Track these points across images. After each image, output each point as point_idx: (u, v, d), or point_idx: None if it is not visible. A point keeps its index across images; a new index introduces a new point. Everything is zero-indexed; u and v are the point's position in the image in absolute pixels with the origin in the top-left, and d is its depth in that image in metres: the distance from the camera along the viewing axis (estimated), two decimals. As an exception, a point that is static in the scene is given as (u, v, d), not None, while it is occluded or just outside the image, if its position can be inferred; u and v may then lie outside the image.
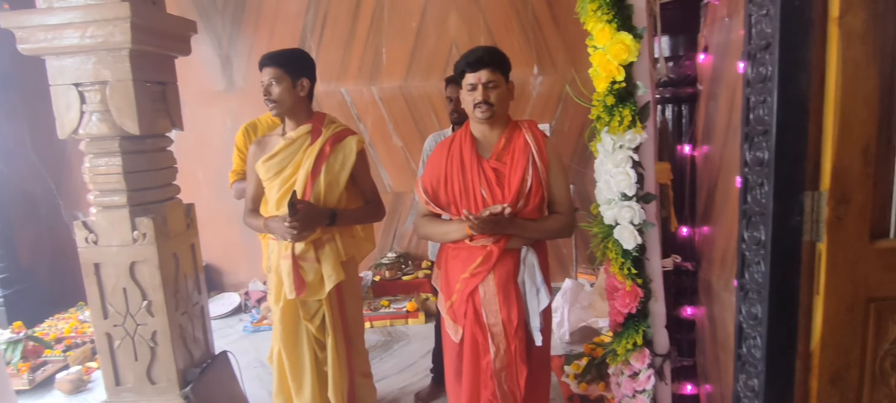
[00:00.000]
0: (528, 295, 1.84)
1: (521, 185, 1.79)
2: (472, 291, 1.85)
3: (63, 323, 4.31)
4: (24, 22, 1.85)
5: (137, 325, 2.15)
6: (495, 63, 1.80)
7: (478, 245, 1.82)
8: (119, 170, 1.97)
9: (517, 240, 1.82)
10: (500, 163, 1.83)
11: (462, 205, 1.83)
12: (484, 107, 1.79)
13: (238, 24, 4.46)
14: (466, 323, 1.87)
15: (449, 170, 1.87)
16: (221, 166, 4.39)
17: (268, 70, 1.95)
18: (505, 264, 1.82)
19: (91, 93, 1.91)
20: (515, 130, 1.87)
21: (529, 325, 1.86)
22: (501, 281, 1.82)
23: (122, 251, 2.06)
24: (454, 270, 1.90)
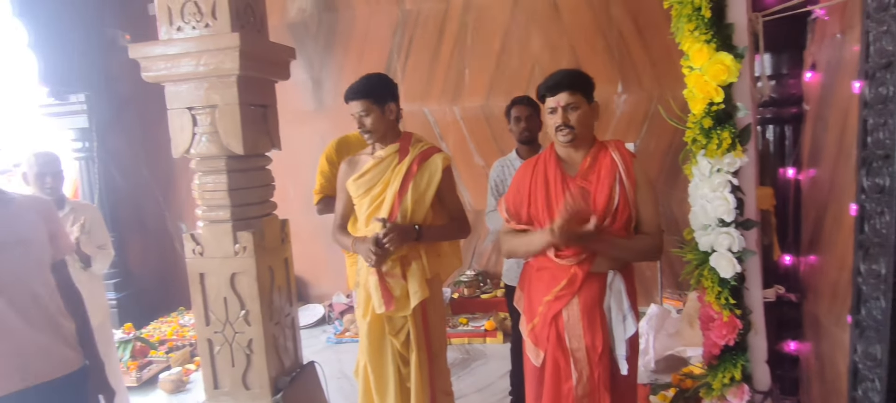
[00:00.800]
0: (614, 321, 1.78)
1: (608, 203, 1.75)
2: (555, 314, 1.82)
3: (166, 325, 4.65)
4: (147, 52, 2.04)
5: (235, 333, 2.28)
6: (574, 85, 1.79)
7: (562, 263, 1.79)
8: (224, 187, 2.11)
9: (603, 263, 1.77)
10: (586, 182, 1.80)
11: (544, 224, 1.81)
12: (565, 130, 1.78)
13: (329, 48, 4.69)
14: (548, 346, 1.84)
15: (533, 189, 1.87)
16: (310, 183, 4.57)
17: (356, 103, 2.04)
18: (590, 288, 1.78)
19: (202, 116, 2.06)
20: (601, 149, 1.84)
21: (615, 353, 1.80)
22: (586, 306, 1.78)
23: (224, 262, 2.20)
24: (537, 292, 1.88)
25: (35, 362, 1.70)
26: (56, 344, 1.76)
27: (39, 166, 2.54)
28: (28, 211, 1.77)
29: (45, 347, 1.72)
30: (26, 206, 1.78)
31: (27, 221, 1.74)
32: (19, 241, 1.69)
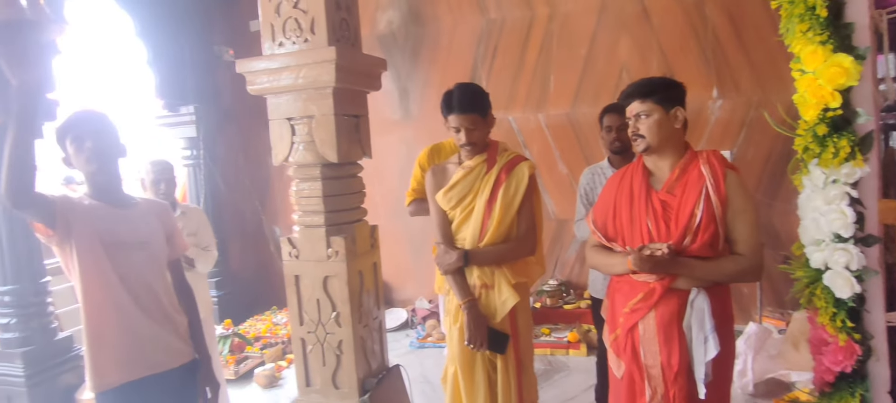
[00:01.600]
0: (695, 341, 1.68)
1: (690, 220, 1.66)
2: (631, 327, 1.76)
3: (260, 323, 4.92)
4: (252, 67, 2.18)
5: (327, 334, 2.37)
6: (645, 92, 1.73)
7: (641, 280, 1.73)
8: (319, 194, 2.21)
9: (687, 281, 1.69)
10: (670, 196, 1.72)
11: (628, 238, 1.76)
12: (636, 140, 1.75)
13: (415, 59, 4.80)
14: (625, 358, 1.80)
15: (618, 202, 1.82)
16: (396, 190, 4.73)
17: (463, 117, 2.05)
18: (668, 304, 1.70)
19: (300, 125, 2.17)
20: (692, 161, 1.75)
21: (695, 373, 1.70)
22: (663, 322, 1.70)
23: (317, 266, 2.30)
24: (618, 302, 1.83)
25: (154, 353, 1.86)
26: (171, 338, 1.91)
27: (155, 173, 2.77)
28: (148, 214, 1.94)
29: (163, 340, 1.88)
30: (147, 210, 1.95)
31: (148, 223, 1.91)
32: (141, 242, 1.86)
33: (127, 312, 1.79)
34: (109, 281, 1.76)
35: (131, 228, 1.84)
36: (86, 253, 1.73)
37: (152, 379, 1.84)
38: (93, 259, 1.74)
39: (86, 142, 1.76)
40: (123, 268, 1.79)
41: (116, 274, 1.77)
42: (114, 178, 1.88)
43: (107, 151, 1.81)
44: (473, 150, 2.10)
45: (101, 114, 1.86)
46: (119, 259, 1.78)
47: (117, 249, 1.78)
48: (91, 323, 1.77)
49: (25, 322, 3.50)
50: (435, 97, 4.73)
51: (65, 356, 3.69)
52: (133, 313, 1.80)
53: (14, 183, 1.54)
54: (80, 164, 1.79)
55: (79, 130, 1.78)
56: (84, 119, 1.81)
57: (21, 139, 1.54)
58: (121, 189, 1.92)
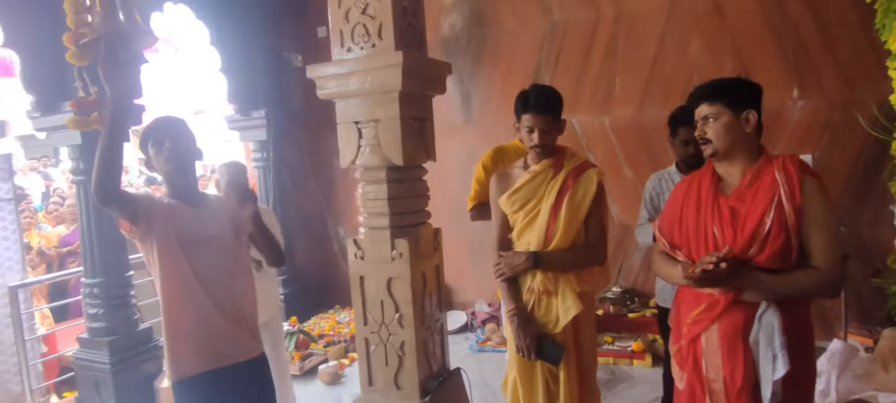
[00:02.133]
0: (762, 358, 1.58)
1: (758, 228, 1.57)
2: (694, 338, 1.69)
3: (324, 321, 5.05)
4: (321, 72, 2.24)
5: (390, 334, 2.40)
6: (713, 95, 1.66)
7: (705, 291, 1.65)
8: (384, 197, 2.24)
9: (754, 293, 1.58)
10: (740, 202, 1.63)
11: (693, 246, 1.68)
12: (703, 144, 1.68)
13: (478, 62, 4.80)
14: (687, 370, 1.73)
15: (685, 208, 1.75)
16: (456, 192, 4.73)
17: (538, 118, 2.05)
18: (733, 317, 1.61)
19: (367, 129, 2.22)
20: (767, 165, 1.65)
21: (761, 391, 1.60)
22: (727, 335, 1.61)
23: (382, 267, 2.33)
24: (683, 312, 1.76)
25: (226, 346, 1.94)
26: (242, 332, 2.00)
27: (229, 174, 2.90)
28: (219, 211, 2.04)
29: (234, 334, 1.96)
30: (218, 207, 2.06)
31: (219, 221, 2.01)
32: (214, 238, 1.96)
33: (201, 306, 1.89)
34: (185, 276, 1.86)
35: (204, 225, 1.95)
36: (164, 250, 1.84)
37: (224, 371, 1.93)
38: (170, 255, 1.85)
39: (164, 144, 1.88)
40: (197, 264, 1.89)
41: (191, 269, 1.87)
42: (190, 179, 2.00)
43: (183, 153, 1.93)
44: (543, 153, 2.08)
45: (179, 120, 1.98)
46: (193, 255, 1.89)
47: (192, 246, 1.89)
48: (169, 316, 1.88)
49: (111, 313, 3.75)
50: (496, 100, 4.73)
51: (145, 346, 3.92)
52: (206, 307, 1.90)
53: (103, 181, 1.67)
54: (159, 165, 1.91)
55: (158, 134, 1.91)
56: (163, 124, 1.94)
57: (111, 141, 1.66)
58: (196, 189, 2.03)
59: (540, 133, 2.05)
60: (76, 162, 3.67)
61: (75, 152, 3.64)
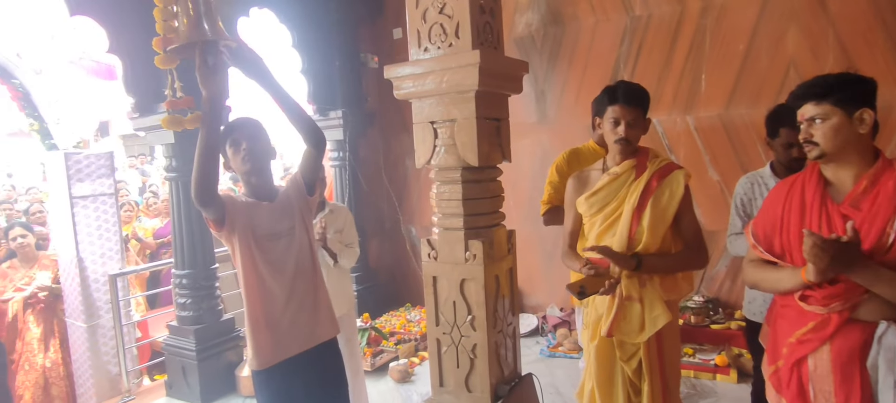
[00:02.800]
0: (881, 385, 1.42)
1: (880, 240, 1.41)
2: (798, 360, 1.53)
3: (395, 319, 5.11)
4: (398, 73, 2.25)
5: (462, 337, 2.38)
6: (820, 94, 1.50)
7: (809, 310, 1.49)
8: (459, 197, 2.22)
9: (873, 311, 1.42)
10: (855, 210, 1.47)
11: (798, 256, 1.52)
12: (808, 147, 1.53)
13: (553, 60, 4.69)
14: (788, 396, 1.57)
15: (786, 215, 1.59)
16: (529, 193, 4.66)
17: (624, 108, 1.97)
18: (848, 337, 1.45)
19: (442, 129, 2.20)
20: (886, 170, 1.48)
21: None
22: (840, 358, 1.46)
23: (455, 268, 2.31)
24: (783, 330, 1.60)
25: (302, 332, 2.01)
26: (317, 316, 2.06)
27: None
28: (287, 199, 2.10)
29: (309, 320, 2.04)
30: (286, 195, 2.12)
31: (289, 210, 2.07)
32: (287, 229, 2.03)
33: (276, 298, 1.96)
34: (260, 271, 1.94)
35: (277, 219, 2.02)
36: (244, 247, 1.92)
37: (303, 355, 2.00)
38: (248, 251, 1.92)
39: (241, 145, 1.95)
40: (274, 259, 1.96)
41: (267, 262, 1.95)
42: (266, 177, 2.07)
43: (260, 154, 1.99)
44: (627, 149, 1.98)
45: (256, 121, 2.04)
46: (269, 249, 1.96)
47: (266, 240, 1.96)
48: (249, 309, 1.96)
49: (198, 303, 3.96)
50: (572, 100, 4.60)
51: (228, 335, 4.12)
52: (281, 298, 1.97)
53: (202, 183, 1.75)
54: (237, 165, 1.99)
55: (236, 135, 1.98)
56: (240, 125, 2.01)
57: (208, 143, 1.73)
58: (272, 186, 2.10)
59: (626, 126, 1.96)
60: (169, 159, 3.91)
61: (169, 150, 3.88)
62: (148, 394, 4.24)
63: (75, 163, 4.49)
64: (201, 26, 1.73)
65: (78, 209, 4.48)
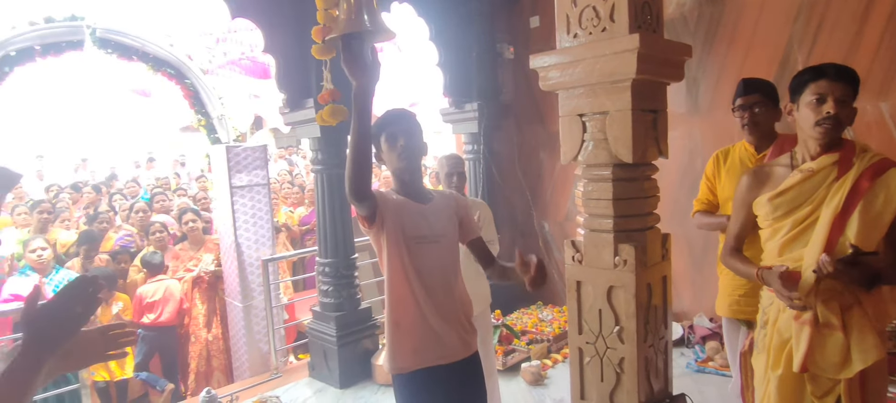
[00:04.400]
0: None
1: None
2: None
3: (526, 317, 4.97)
4: (543, 62, 2.10)
5: (607, 348, 2.19)
6: None
7: None
8: (609, 197, 2.03)
9: None
10: None
11: None
12: None
13: (709, 44, 4.23)
14: None
15: None
16: (675, 190, 4.26)
17: (833, 84, 1.68)
18: None
19: (592, 122, 2.02)
20: None
21: None
22: None
23: (601, 274, 2.13)
24: None
25: (443, 345, 1.93)
26: (459, 330, 1.96)
27: (449, 166, 2.94)
28: (443, 207, 2.02)
29: (451, 332, 1.94)
30: (442, 203, 2.03)
31: (443, 218, 1.98)
32: (438, 235, 1.94)
33: (421, 304, 1.88)
34: (408, 273, 1.87)
35: (429, 223, 1.93)
36: (392, 247, 1.87)
37: (441, 369, 1.92)
38: (397, 252, 1.86)
39: (398, 140, 1.88)
40: (420, 262, 1.88)
41: (414, 267, 1.87)
42: (417, 175, 1.99)
43: (416, 151, 1.92)
44: (831, 134, 1.65)
45: (411, 114, 1.97)
46: (417, 252, 1.88)
47: (417, 243, 1.88)
48: (392, 311, 1.91)
49: (338, 290, 4.13)
50: (729, 88, 4.08)
51: (365, 323, 4.25)
52: (426, 305, 1.89)
53: (356, 178, 1.69)
54: (392, 161, 1.92)
55: (393, 128, 1.91)
56: (397, 118, 1.93)
57: (360, 136, 1.68)
58: (422, 185, 2.03)
59: (836, 102, 1.63)
60: (316, 152, 4.10)
61: (315, 144, 4.07)
62: (293, 373, 4.53)
63: (234, 155, 4.91)
64: (361, 17, 1.70)
65: (236, 198, 4.89)
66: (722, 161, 2.74)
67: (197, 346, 5.10)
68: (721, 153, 2.77)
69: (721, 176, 2.73)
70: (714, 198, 2.79)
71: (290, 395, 4.01)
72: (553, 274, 5.33)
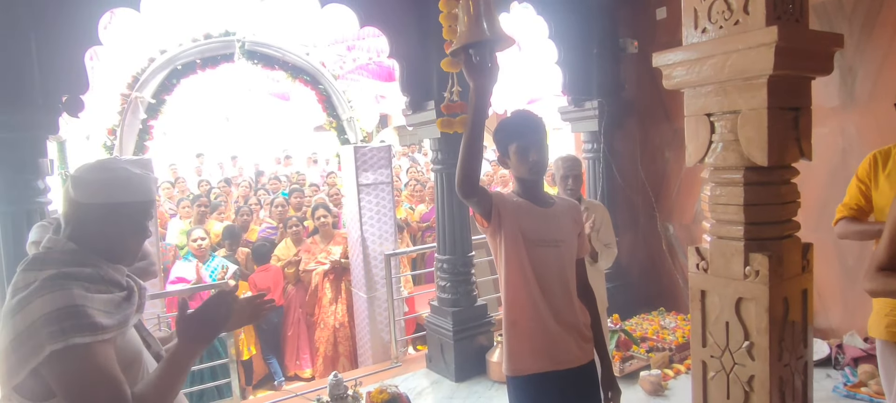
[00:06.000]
0: None
1: None
2: None
3: (647, 323, 4.76)
4: (668, 59, 2.00)
5: (734, 364, 2.04)
6: None
7: None
8: (739, 202, 1.89)
9: None
10: None
11: None
12: None
13: (869, 28, 3.76)
14: None
15: None
16: (824, 194, 3.83)
17: None
18: None
19: (721, 122, 1.90)
20: None
21: None
22: None
23: (729, 284, 1.99)
24: None
25: (559, 351, 1.92)
26: (576, 337, 1.94)
27: (565, 168, 2.90)
28: (564, 214, 2.00)
29: (568, 338, 1.92)
30: (563, 210, 2.02)
31: (563, 224, 1.97)
32: (557, 241, 1.93)
33: (538, 308, 1.89)
34: (526, 276, 1.88)
35: (549, 227, 1.93)
36: (510, 248, 1.89)
37: (557, 375, 1.91)
38: (515, 254, 1.88)
39: (530, 153, 1.89)
40: (539, 266, 1.89)
41: (533, 270, 1.88)
42: (541, 181, 2.00)
43: (545, 164, 1.93)
44: None
45: (542, 125, 1.96)
46: (536, 256, 1.89)
47: (536, 247, 1.89)
48: (509, 313, 1.93)
49: (455, 286, 4.24)
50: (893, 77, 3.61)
51: (481, 320, 4.33)
52: (544, 309, 1.89)
53: (465, 178, 1.76)
54: (519, 171, 1.93)
55: (525, 140, 1.90)
56: (530, 128, 1.92)
57: (473, 138, 1.74)
58: (543, 189, 2.03)
59: None
60: (436, 152, 4.24)
61: (436, 144, 4.21)
62: (411, 363, 4.72)
63: (361, 155, 5.22)
64: (480, 27, 1.75)
65: (363, 195, 5.20)
66: (881, 163, 2.44)
67: (325, 332, 5.50)
68: (880, 153, 2.46)
69: (878, 180, 2.43)
70: (865, 205, 2.49)
71: (408, 385, 4.19)
72: (678, 280, 5.04)
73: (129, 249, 1.42)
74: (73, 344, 1.21)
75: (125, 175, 1.39)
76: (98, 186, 1.36)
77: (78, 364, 1.22)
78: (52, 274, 1.28)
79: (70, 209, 1.37)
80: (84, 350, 1.22)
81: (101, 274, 1.35)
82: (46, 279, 1.27)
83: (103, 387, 1.23)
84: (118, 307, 1.34)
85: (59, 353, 1.20)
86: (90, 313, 1.25)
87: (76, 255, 1.34)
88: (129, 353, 1.36)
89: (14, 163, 2.92)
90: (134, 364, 1.37)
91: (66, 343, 1.20)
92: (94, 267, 1.35)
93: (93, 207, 1.35)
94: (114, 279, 1.38)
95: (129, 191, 1.38)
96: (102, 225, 1.36)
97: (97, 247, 1.37)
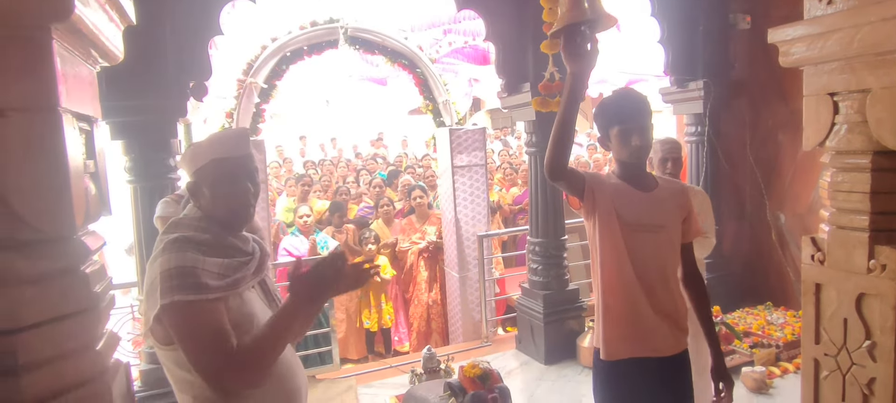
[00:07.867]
0: None
1: None
2: None
3: (751, 317, 4.49)
4: (786, 35, 1.87)
5: (852, 364, 1.90)
6: None
7: None
8: (865, 189, 1.75)
9: None
10: None
11: None
12: None
13: None
14: None
15: None
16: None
17: None
18: None
19: (847, 102, 1.76)
20: None
21: None
22: None
23: (850, 278, 1.85)
24: None
25: (654, 337, 1.88)
26: (672, 324, 1.90)
27: (664, 152, 2.79)
28: (667, 198, 1.94)
29: (664, 324, 1.88)
30: (666, 193, 1.96)
31: (665, 208, 1.91)
32: (657, 225, 1.88)
33: (634, 292, 1.86)
34: (622, 260, 1.85)
35: (650, 212, 1.88)
36: (605, 230, 1.86)
37: (649, 361, 1.88)
38: (610, 236, 1.86)
39: (632, 139, 1.82)
40: (636, 250, 1.85)
41: (629, 254, 1.85)
42: (643, 162, 1.94)
43: (648, 147, 1.88)
44: None
45: (647, 108, 1.88)
46: (634, 240, 1.85)
47: (633, 230, 1.85)
48: (603, 296, 1.91)
49: (547, 270, 4.23)
50: None
51: (572, 304, 4.30)
52: (639, 294, 1.86)
53: (554, 159, 1.77)
54: (622, 155, 1.89)
55: (629, 125, 1.83)
56: (634, 111, 1.85)
57: (565, 122, 1.74)
58: (645, 171, 1.98)
59: None
60: (530, 135, 4.23)
61: (530, 127, 4.20)
62: (501, 343, 4.78)
63: (456, 137, 5.30)
64: (581, 5, 1.73)
65: (457, 177, 5.29)
66: None
67: (419, 309, 5.69)
68: None
69: None
70: None
71: (497, 364, 4.25)
72: (788, 273, 4.70)
73: (231, 208, 1.53)
74: (177, 301, 1.37)
75: (217, 135, 1.58)
76: (196, 151, 1.52)
77: (184, 317, 1.38)
78: (175, 237, 1.46)
79: (188, 181, 1.56)
80: (188, 306, 1.38)
81: (220, 241, 1.51)
82: (169, 241, 1.45)
83: (209, 339, 1.39)
84: (234, 270, 1.49)
85: (167, 307, 1.37)
86: (198, 274, 1.40)
87: (202, 222, 1.51)
88: (242, 313, 1.49)
89: (151, 142, 3.28)
90: (246, 322, 1.49)
91: (172, 298, 1.37)
92: (214, 235, 1.51)
93: (198, 172, 1.51)
94: (234, 245, 1.54)
95: (224, 147, 1.52)
96: (211, 187, 1.51)
97: (213, 213, 1.52)
